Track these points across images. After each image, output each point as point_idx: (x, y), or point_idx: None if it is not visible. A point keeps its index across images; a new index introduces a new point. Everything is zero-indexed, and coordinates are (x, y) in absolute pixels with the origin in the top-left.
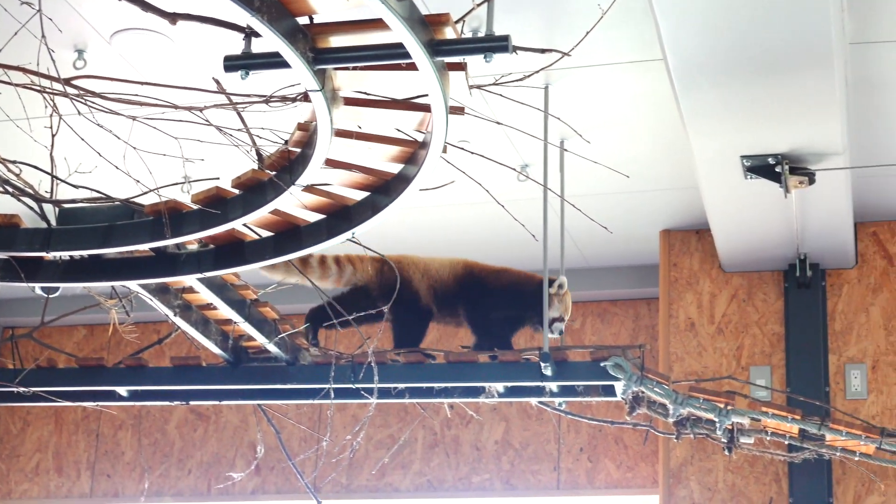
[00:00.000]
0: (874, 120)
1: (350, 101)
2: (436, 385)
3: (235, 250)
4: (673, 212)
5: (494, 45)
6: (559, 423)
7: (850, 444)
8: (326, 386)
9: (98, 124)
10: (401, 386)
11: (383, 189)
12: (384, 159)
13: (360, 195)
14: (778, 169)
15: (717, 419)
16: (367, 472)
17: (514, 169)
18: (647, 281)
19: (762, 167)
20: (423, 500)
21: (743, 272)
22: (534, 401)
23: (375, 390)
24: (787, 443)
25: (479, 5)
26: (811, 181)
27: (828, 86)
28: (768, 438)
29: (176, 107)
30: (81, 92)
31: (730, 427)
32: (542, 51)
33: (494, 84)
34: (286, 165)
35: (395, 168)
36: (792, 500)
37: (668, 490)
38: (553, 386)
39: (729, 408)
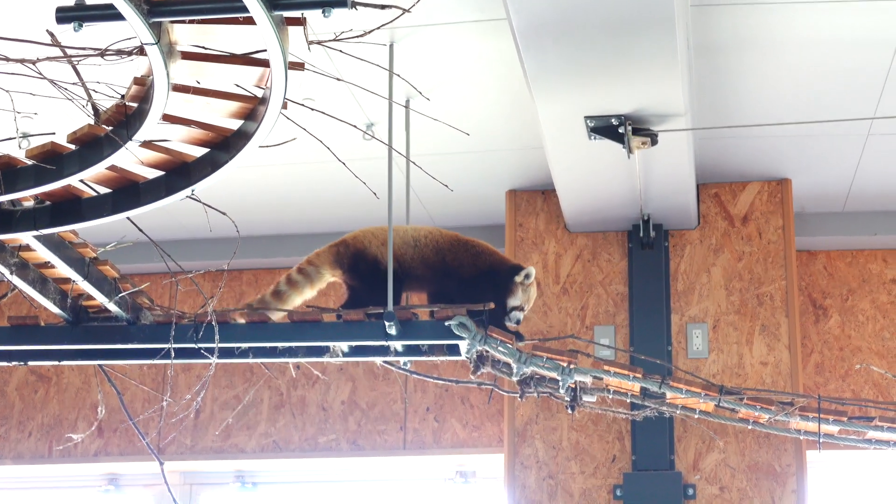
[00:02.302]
0: (716, 82)
1: (188, 56)
2: (279, 344)
3: (73, 207)
4: (519, 172)
5: None
6: (405, 382)
7: (691, 402)
8: (167, 346)
9: None
10: (244, 345)
11: (223, 145)
12: (223, 115)
13: (199, 151)
14: (621, 130)
15: (560, 378)
16: (212, 433)
17: (359, 128)
18: (494, 241)
19: (606, 128)
20: (268, 461)
21: (588, 232)
22: (379, 360)
23: (216, 350)
24: (628, 401)
25: None
26: (653, 142)
27: (669, 47)
28: (610, 397)
29: (7, 59)
30: None
31: (573, 386)
32: (382, 7)
33: (335, 40)
34: (123, 121)
35: (235, 124)
36: (635, 457)
37: (514, 449)
38: (398, 345)
39: (572, 367)
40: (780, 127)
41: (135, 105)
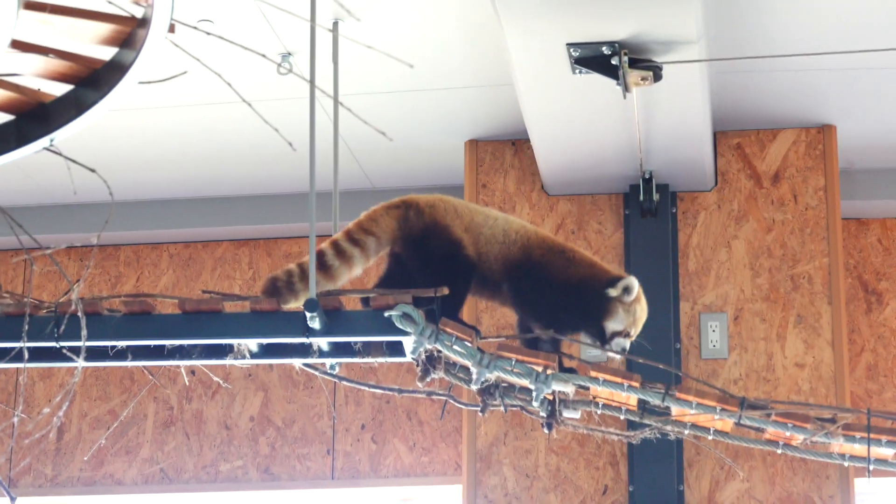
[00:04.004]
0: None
1: None
2: (168, 343)
3: None
4: (482, 117)
5: None
6: (334, 392)
7: (703, 420)
8: (18, 345)
9: None
10: (121, 344)
11: (91, 81)
12: (91, 41)
13: (60, 89)
14: (615, 61)
15: (533, 387)
16: (80, 459)
17: (272, 59)
18: None
19: (595, 59)
20: (154, 496)
21: (572, 196)
22: (298, 363)
23: (83, 349)
24: (623, 417)
25: None
26: (657, 77)
27: None
28: (599, 412)
29: None
30: None
31: (550, 397)
32: None
33: None
34: None
35: (107, 53)
36: (632, 488)
37: (475, 478)
38: (323, 343)
39: (549, 372)
40: (821, 58)
41: None
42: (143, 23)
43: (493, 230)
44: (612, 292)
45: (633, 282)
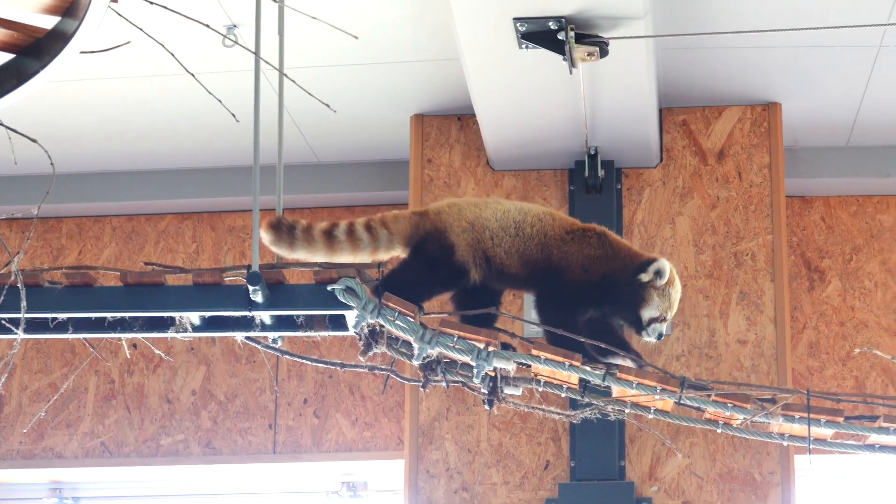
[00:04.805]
0: None
1: None
2: (109, 315)
3: None
4: (427, 91)
5: None
6: (276, 366)
7: (644, 399)
8: None
9: None
10: (61, 316)
11: (33, 50)
12: (32, 9)
13: (1, 58)
14: (561, 36)
15: (475, 364)
16: (20, 432)
17: (217, 30)
18: (394, 181)
19: (541, 33)
20: (94, 469)
21: (517, 171)
22: (240, 336)
23: (23, 321)
24: (564, 396)
25: None
26: (603, 53)
27: None
28: (540, 390)
29: None
30: None
31: (491, 374)
32: None
33: None
34: None
35: (49, 22)
36: (574, 463)
37: (417, 453)
38: (265, 316)
39: (490, 349)
40: (768, 36)
41: None
42: None
43: (503, 223)
44: (644, 277)
45: (665, 264)
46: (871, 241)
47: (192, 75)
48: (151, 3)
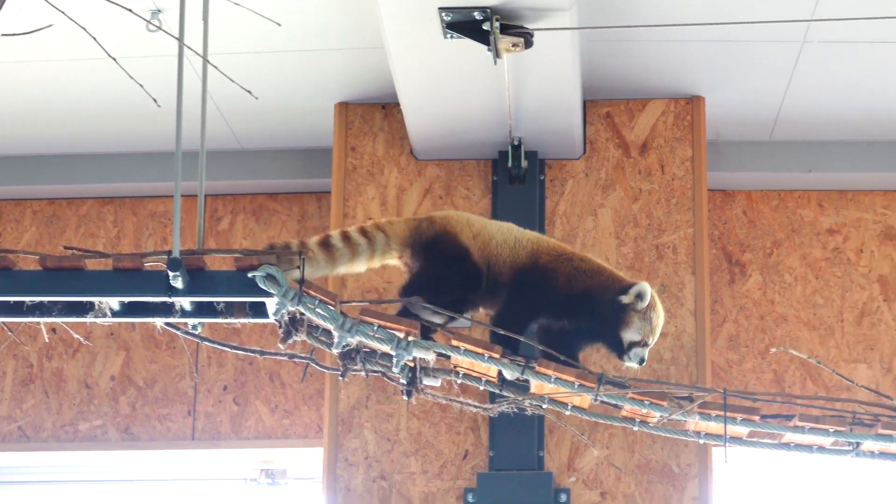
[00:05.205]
0: None
1: None
2: (27, 299)
3: None
4: (352, 79)
5: None
6: (196, 352)
7: (562, 395)
8: None
9: None
10: None
11: None
12: None
13: None
14: (486, 26)
15: (394, 353)
16: None
17: (140, 15)
18: (317, 169)
19: (466, 24)
20: (11, 455)
21: (441, 160)
22: (160, 322)
23: None
24: (482, 388)
25: None
26: (528, 44)
27: None
28: (459, 381)
29: None
30: None
31: (411, 364)
32: None
33: None
34: None
35: None
36: (493, 453)
37: (336, 441)
38: (185, 302)
39: (410, 339)
40: (693, 30)
41: None
42: None
43: (506, 237)
44: (625, 300)
45: (646, 287)
46: (792, 236)
47: (114, 60)
48: None
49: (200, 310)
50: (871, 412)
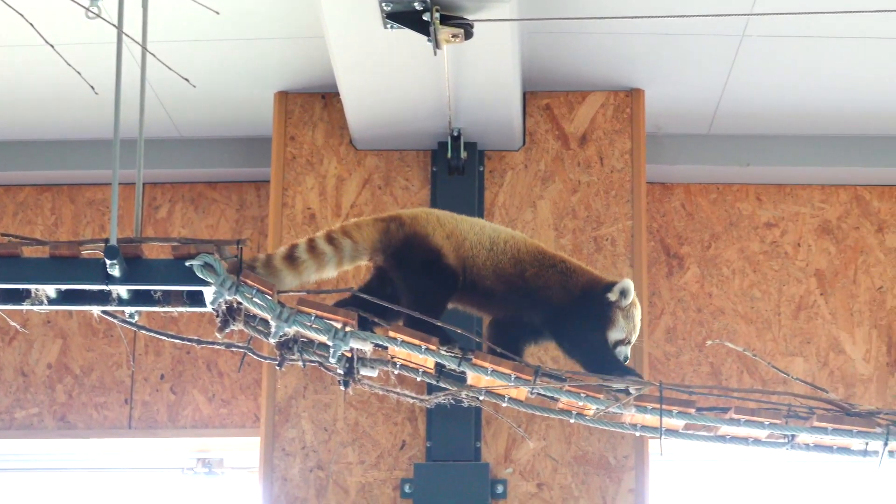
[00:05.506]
0: None
1: None
2: None
3: None
4: (291, 68)
5: None
6: (133, 341)
7: (499, 387)
8: None
9: None
10: None
11: None
12: None
13: None
14: (426, 17)
15: (331, 343)
16: None
17: (80, 3)
18: (257, 158)
19: (406, 14)
20: None
21: (380, 151)
22: (97, 310)
23: None
24: (419, 380)
25: None
26: (468, 35)
27: None
28: (396, 372)
29: None
30: None
31: (348, 355)
32: None
33: None
34: None
35: None
36: (430, 444)
37: (273, 430)
38: (123, 291)
39: (348, 329)
40: (633, 22)
41: None
42: None
43: (480, 237)
44: (611, 297)
45: (629, 284)
46: (730, 229)
47: (52, 46)
48: None
49: (138, 298)
50: (806, 405)
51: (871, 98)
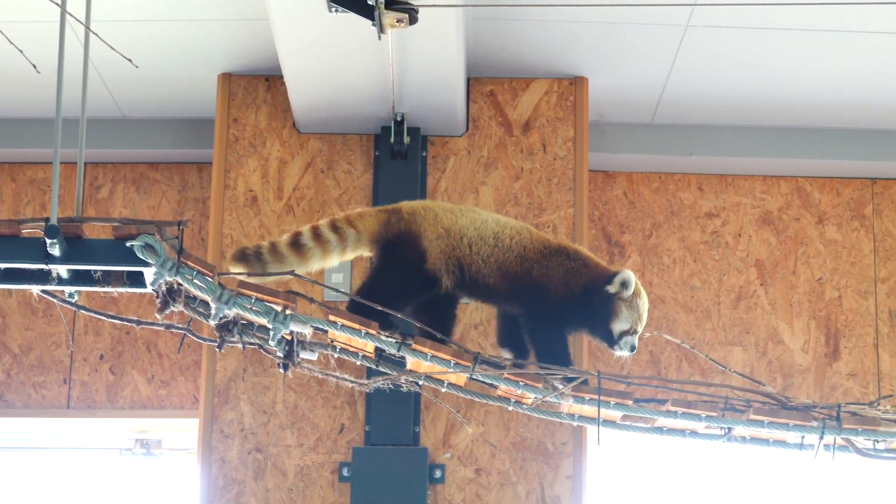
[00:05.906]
0: None
1: None
2: None
3: None
4: (235, 50)
5: None
6: (73, 321)
7: (438, 372)
8: None
9: None
10: None
11: None
12: None
13: None
14: (371, 1)
15: (271, 326)
16: None
17: None
18: (199, 139)
19: None
20: None
21: (323, 134)
22: (36, 289)
23: None
24: (359, 364)
25: None
26: (412, 20)
27: None
28: (336, 356)
29: None
30: None
31: (288, 338)
32: None
33: None
34: None
35: None
36: (369, 428)
37: (212, 412)
38: (63, 270)
39: (288, 312)
40: (577, 10)
41: None
42: None
43: (482, 232)
44: (611, 289)
45: (630, 275)
46: (671, 218)
47: None
48: None
49: (78, 278)
50: (743, 398)
51: (813, 90)
